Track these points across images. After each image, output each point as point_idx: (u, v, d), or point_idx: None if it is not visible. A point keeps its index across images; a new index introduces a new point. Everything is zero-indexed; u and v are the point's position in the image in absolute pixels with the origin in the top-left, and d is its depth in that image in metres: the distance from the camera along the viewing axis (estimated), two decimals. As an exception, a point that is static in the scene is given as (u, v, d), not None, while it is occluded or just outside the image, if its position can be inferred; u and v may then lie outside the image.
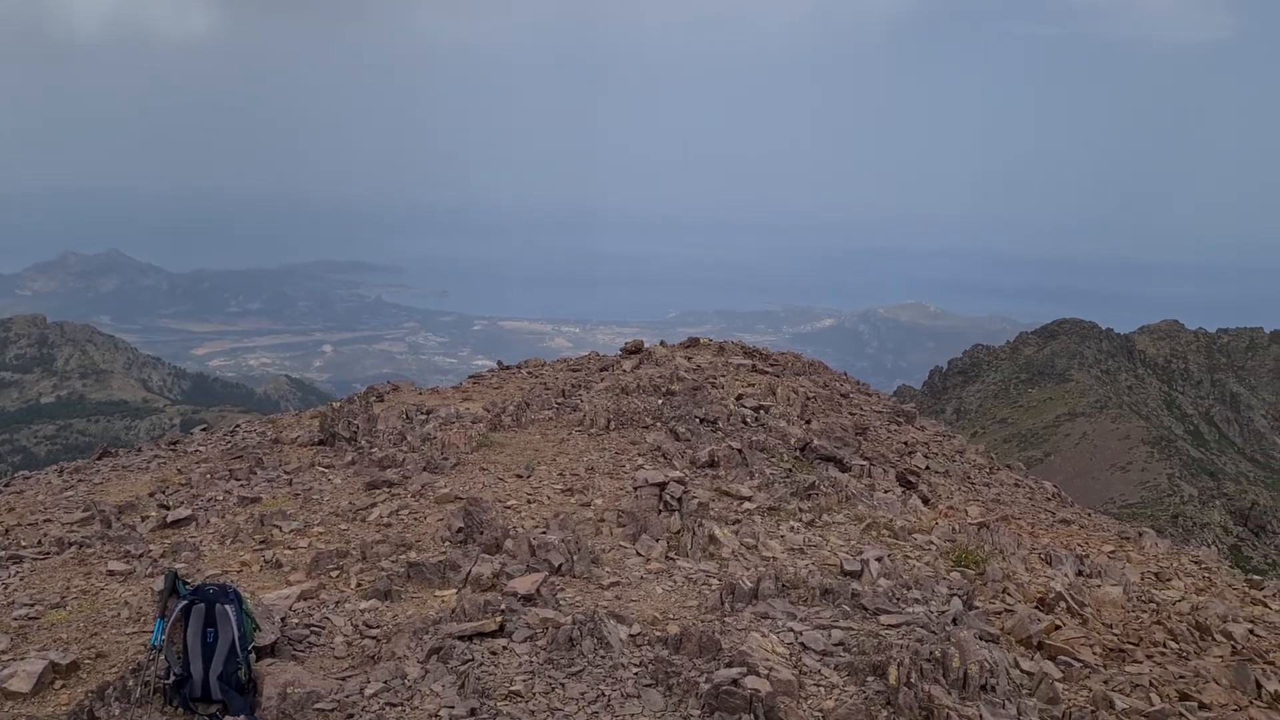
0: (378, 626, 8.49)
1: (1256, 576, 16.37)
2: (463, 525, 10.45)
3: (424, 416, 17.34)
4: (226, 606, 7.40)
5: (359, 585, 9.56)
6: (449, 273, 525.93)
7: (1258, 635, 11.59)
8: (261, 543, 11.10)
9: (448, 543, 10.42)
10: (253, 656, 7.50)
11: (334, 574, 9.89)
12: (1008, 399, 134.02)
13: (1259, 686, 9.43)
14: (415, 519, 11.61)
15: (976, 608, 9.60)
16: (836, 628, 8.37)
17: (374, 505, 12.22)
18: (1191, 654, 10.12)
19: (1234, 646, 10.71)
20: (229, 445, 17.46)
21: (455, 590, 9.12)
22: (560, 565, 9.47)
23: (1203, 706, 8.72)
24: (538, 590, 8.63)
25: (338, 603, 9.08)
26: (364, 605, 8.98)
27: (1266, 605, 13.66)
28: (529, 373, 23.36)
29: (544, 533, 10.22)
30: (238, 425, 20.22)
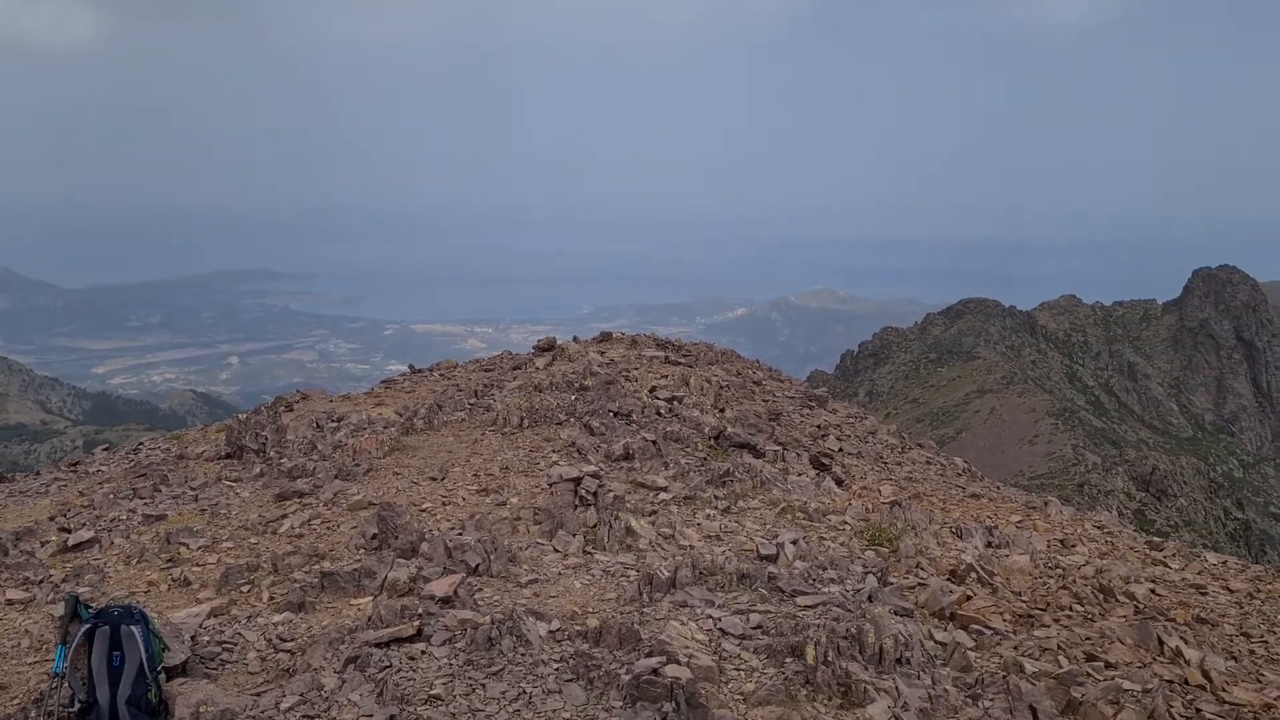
0: (292, 639, 8.34)
1: (1157, 538, 16.98)
2: (377, 531, 10.31)
3: (335, 424, 17.06)
4: (132, 628, 7.19)
5: (271, 599, 9.37)
6: (359, 278, 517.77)
7: (1159, 594, 12.03)
8: (169, 561, 10.81)
9: (362, 550, 10.27)
10: (162, 677, 7.29)
11: (245, 589, 9.67)
12: (918, 379, 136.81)
13: (1161, 643, 9.78)
14: (328, 528, 11.42)
15: (891, 584, 9.78)
16: (754, 612, 8.46)
17: (285, 516, 11.98)
18: (1097, 616, 10.46)
19: (1136, 606, 11.09)
20: (132, 464, 16.96)
21: (371, 597, 8.99)
22: (477, 566, 9.40)
23: (1108, 666, 9.01)
24: (455, 592, 8.56)
25: (250, 617, 8.88)
26: (277, 618, 8.81)
27: (1167, 565, 14.19)
28: (441, 375, 23.13)
29: (460, 534, 10.14)
30: (141, 443, 19.66)
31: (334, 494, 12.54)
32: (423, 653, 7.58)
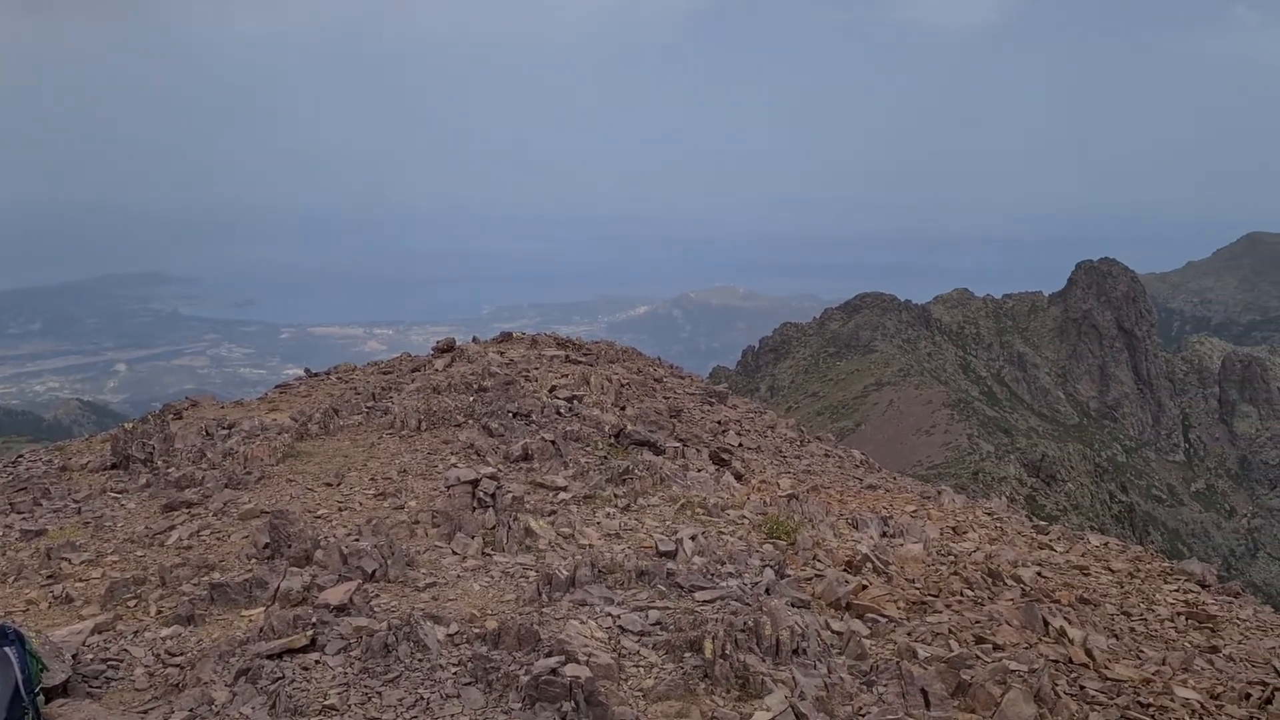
0: (181, 654, 8.10)
1: (1043, 523, 17.57)
2: (269, 540, 10.08)
3: (226, 431, 16.62)
4: (6, 649, 6.90)
5: (159, 613, 9.10)
6: (252, 280, 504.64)
7: (1044, 577, 12.45)
8: (49, 578, 10.41)
9: (254, 560, 10.03)
10: (41, 699, 7.02)
11: (131, 603, 9.37)
12: (818, 373, 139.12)
13: (1045, 624, 10.12)
14: (218, 538, 11.13)
15: (788, 576, 9.93)
16: (654, 608, 8.51)
17: (173, 528, 11.63)
18: (986, 600, 10.78)
19: (1023, 589, 11.47)
20: (10, 477, 16.26)
21: (263, 608, 8.80)
22: (374, 571, 9.27)
23: (996, 648, 9.29)
24: (350, 599, 8.42)
25: (136, 633, 8.61)
26: (165, 633, 8.56)
27: (1052, 548, 14.70)
28: (339, 378, 22.71)
29: (356, 540, 9.98)
30: (20, 455, 18.86)
31: (224, 503, 12.23)
32: (317, 662, 7.44)
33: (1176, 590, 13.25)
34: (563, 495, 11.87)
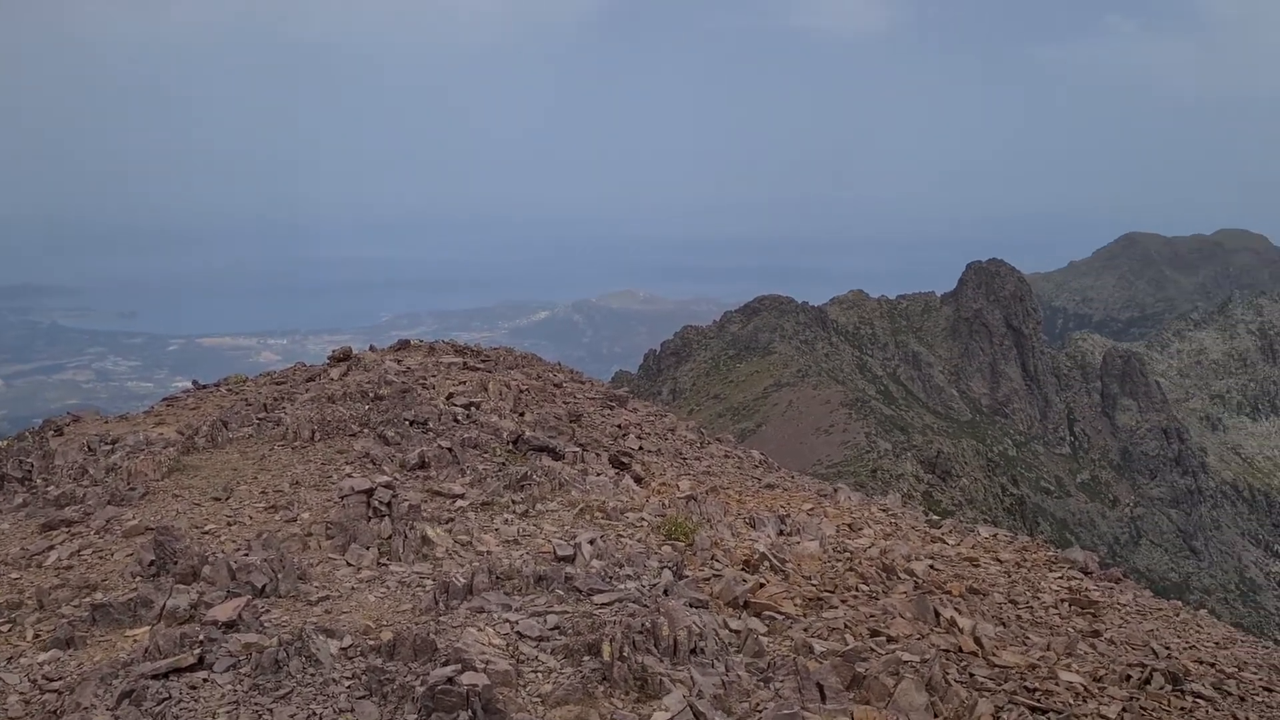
0: (60, 678, 7.80)
1: (936, 517, 18.03)
2: (154, 557, 9.77)
3: (109, 447, 16.03)
4: None
5: (37, 636, 8.74)
6: (137, 290, 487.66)
7: (937, 569, 12.77)
8: (-84, 605, 9.91)
9: (138, 578, 9.70)
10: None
11: (5, 628, 8.98)
12: (719, 375, 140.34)
13: (937, 615, 10.39)
14: (100, 557, 10.74)
15: (686, 577, 10.00)
16: (552, 613, 8.49)
17: (51, 548, 11.18)
18: (880, 594, 11.02)
19: (916, 582, 11.75)
20: (-125, 500, 15.46)
21: (148, 628, 8.52)
22: (264, 586, 9.05)
23: (890, 640, 9.50)
24: (240, 615, 8.21)
25: (10, 659, 8.26)
26: (43, 657, 8.22)
27: (944, 542, 15.08)
28: (229, 390, 22.11)
29: (246, 555, 9.73)
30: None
31: (106, 521, 11.80)
32: (205, 681, 7.24)
33: (1061, 578, 13.72)
34: (460, 503, 11.76)
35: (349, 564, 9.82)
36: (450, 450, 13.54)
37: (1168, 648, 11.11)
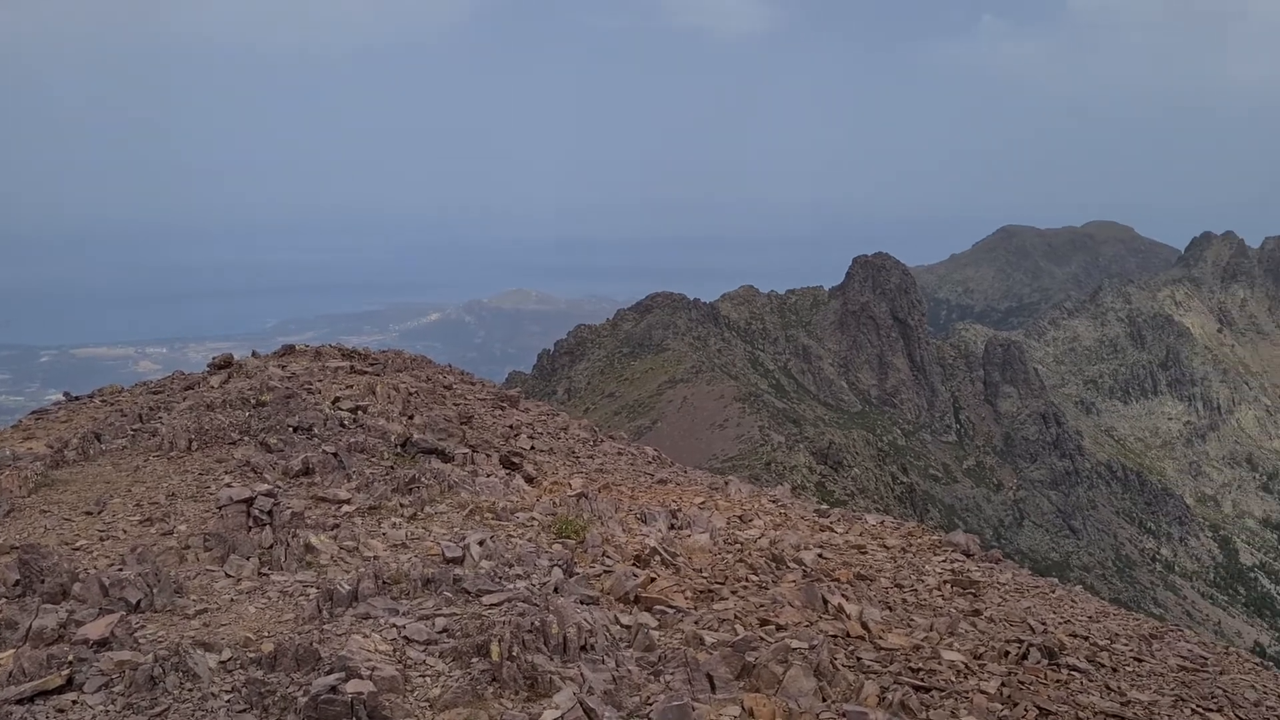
0: (-84, 709, 7.40)
1: (824, 506, 18.35)
2: (19, 577, 9.32)
3: (-29, 464, 15.28)
4: None
5: (-110, 666, 8.27)
6: (7, 300, 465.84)
7: (825, 558, 13.00)
8: None
9: (2, 599, 9.25)
10: None
11: None
12: (613, 373, 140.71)
13: (825, 602, 10.57)
14: (-39, 579, 10.20)
15: (577, 574, 9.99)
16: (440, 616, 8.37)
17: (-93, 572, 10.60)
18: (770, 583, 11.16)
19: (805, 571, 11.94)
20: None
21: (13, 650, 8.12)
22: (139, 601, 8.72)
23: (779, 628, 9.64)
24: (112, 633, 7.89)
25: None
26: (-103, 688, 7.78)
27: (833, 530, 15.36)
28: (103, 401, 21.27)
29: (119, 570, 9.36)
30: None
31: (-32, 541, 11.23)
32: (74, 703, 6.95)
33: (944, 561, 14.10)
34: (346, 508, 11.53)
35: (228, 575, 9.54)
36: (335, 455, 13.26)
37: (1044, 623, 11.51)
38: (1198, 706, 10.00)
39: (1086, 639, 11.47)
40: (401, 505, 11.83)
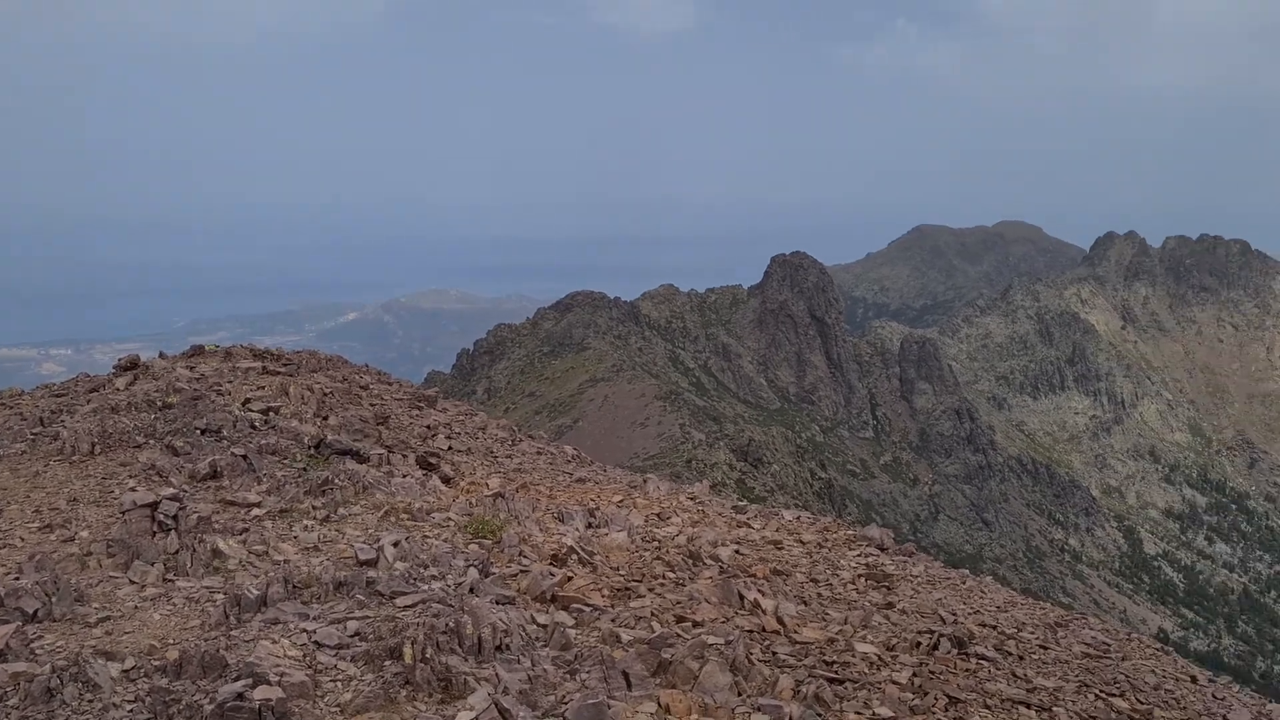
0: None
1: (742, 503, 18.49)
2: (-91, 588, 8.95)
3: None
4: None
5: None
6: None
7: (742, 554, 13.10)
8: None
9: (-110, 612, 8.88)
10: None
11: None
12: (534, 372, 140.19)
13: (741, 597, 10.65)
14: None
15: (493, 574, 9.91)
16: (352, 619, 8.24)
17: None
18: (687, 580, 11.21)
19: (721, 567, 12.01)
20: None
21: (-99, 664, 7.80)
22: (36, 611, 8.43)
23: (696, 625, 9.69)
24: (7, 644, 7.62)
25: None
26: None
27: (750, 526, 15.48)
28: (2, 404, 20.53)
29: (15, 579, 9.04)
30: None
31: None
32: (-34, 718, 6.69)
33: (859, 555, 14.30)
34: (256, 511, 11.28)
35: (132, 582, 9.27)
36: (245, 458, 12.97)
37: (954, 614, 11.75)
38: (1101, 692, 10.31)
39: (995, 628, 11.74)
40: (314, 508, 11.61)
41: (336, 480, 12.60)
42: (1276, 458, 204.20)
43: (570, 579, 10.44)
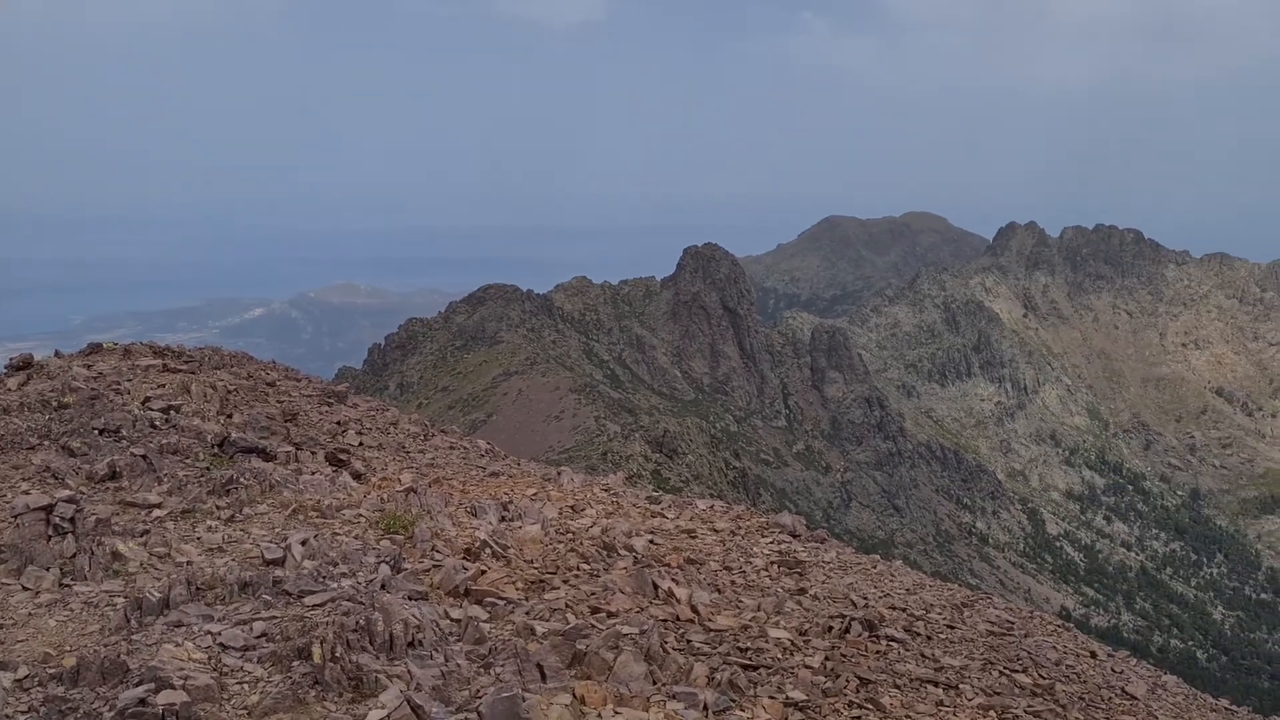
0: None
1: (656, 494, 18.56)
2: None
3: None
4: None
5: None
6: None
7: (656, 544, 13.15)
8: None
9: None
10: None
11: None
12: (447, 367, 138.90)
13: (656, 587, 10.70)
14: None
15: (405, 569, 9.79)
16: (259, 620, 8.06)
17: None
18: (601, 571, 11.21)
19: (636, 557, 12.04)
20: None
21: None
22: (-78, 622, 8.09)
23: (610, 615, 9.69)
24: (-110, 656, 7.30)
25: None
26: None
27: (664, 516, 15.54)
28: (-117, 407, 19.64)
29: (-100, 589, 8.67)
30: None
31: None
32: None
33: (772, 542, 14.47)
34: (157, 513, 10.97)
35: (25, 588, 8.93)
36: (145, 458, 12.60)
37: (865, 598, 11.96)
38: (1005, 668, 10.60)
39: (904, 611, 11.98)
40: (218, 507, 11.34)
41: (241, 479, 12.31)
42: (1170, 439, 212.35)
43: (484, 573, 10.37)
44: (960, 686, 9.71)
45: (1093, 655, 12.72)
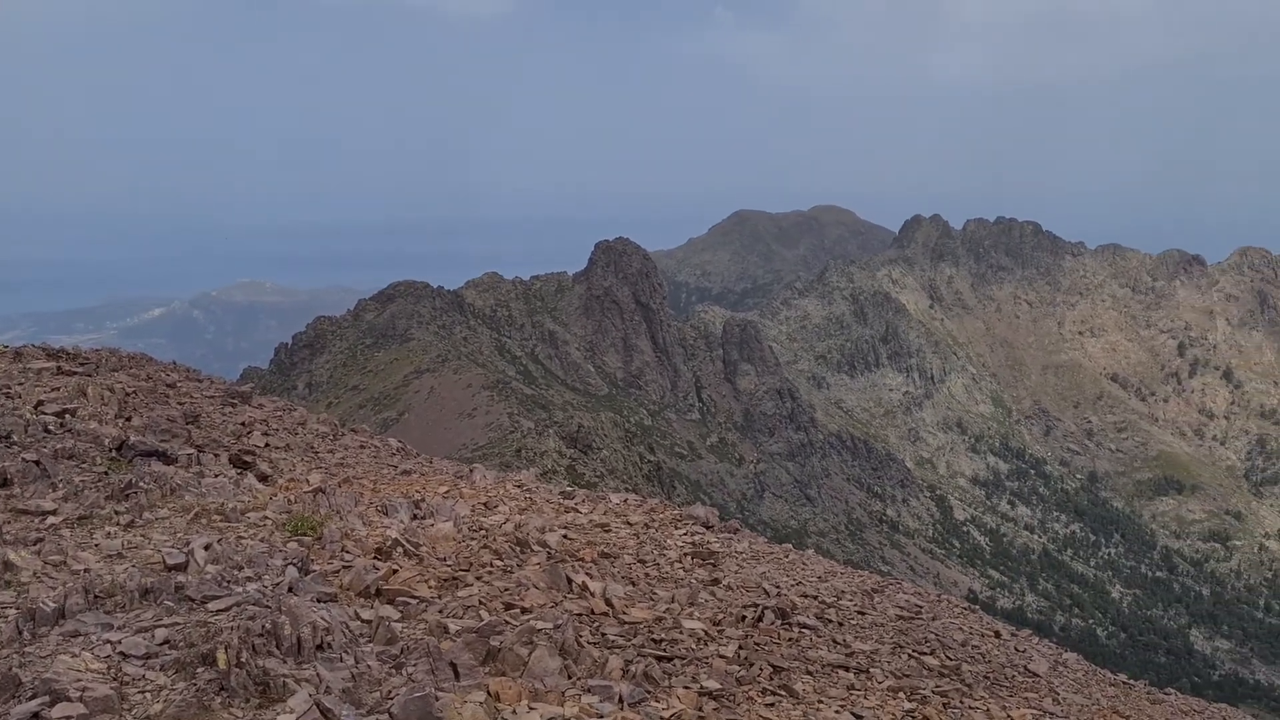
0: None
1: (570, 489, 18.53)
2: None
3: None
4: None
5: None
6: None
7: (569, 539, 13.12)
8: None
9: None
10: None
11: None
12: (357, 365, 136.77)
13: (569, 582, 10.68)
14: None
15: (314, 571, 9.61)
16: (160, 627, 7.84)
17: None
18: (515, 567, 11.15)
19: (549, 553, 12.01)
20: None
21: None
22: None
23: (524, 611, 9.65)
24: None
25: None
26: None
27: (578, 511, 15.53)
28: None
29: None
30: None
31: None
32: None
33: (685, 534, 14.56)
34: (51, 520, 10.58)
35: (-91, 602, 8.55)
36: (38, 463, 12.14)
37: (778, 586, 12.11)
38: (914, 651, 10.83)
39: (816, 598, 12.17)
40: (116, 513, 10.98)
41: (141, 483, 11.95)
42: (1069, 425, 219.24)
43: (395, 572, 10.23)
44: (871, 670, 9.89)
45: (997, 635, 13.07)
